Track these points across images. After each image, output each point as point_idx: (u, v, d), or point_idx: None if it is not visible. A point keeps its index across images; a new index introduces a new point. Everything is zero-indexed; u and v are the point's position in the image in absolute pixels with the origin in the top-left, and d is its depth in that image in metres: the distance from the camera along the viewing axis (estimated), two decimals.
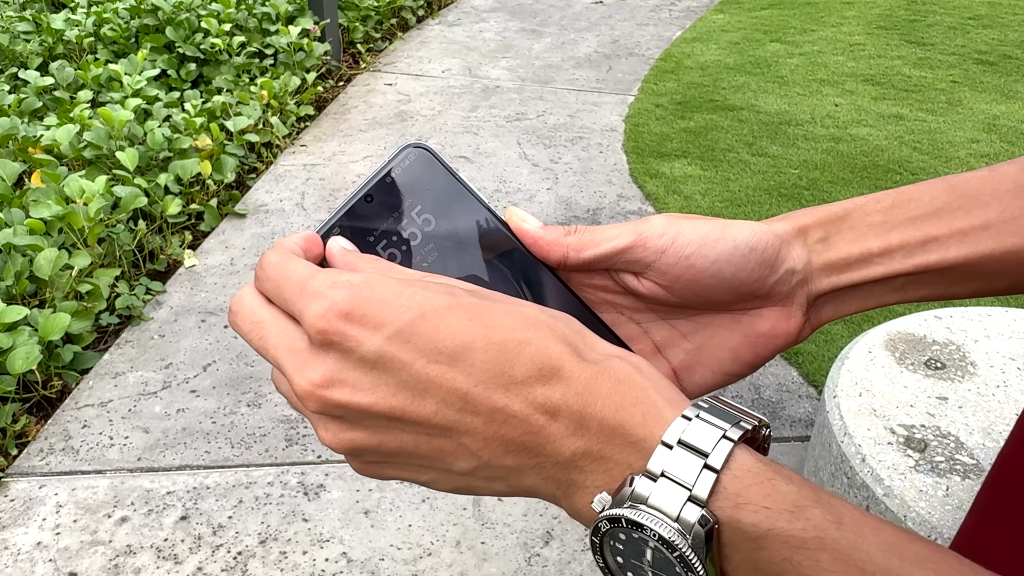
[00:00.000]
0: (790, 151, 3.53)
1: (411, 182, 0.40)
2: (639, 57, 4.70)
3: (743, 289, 0.40)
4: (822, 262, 0.40)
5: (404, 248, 0.40)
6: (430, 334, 0.31)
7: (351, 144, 3.51)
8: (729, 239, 0.39)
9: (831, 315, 0.42)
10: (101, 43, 3.68)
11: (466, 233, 0.40)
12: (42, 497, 1.81)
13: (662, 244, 0.39)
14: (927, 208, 0.40)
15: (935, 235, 0.40)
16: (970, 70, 4.50)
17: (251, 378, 2.18)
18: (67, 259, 2.25)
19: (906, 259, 0.40)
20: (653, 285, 0.40)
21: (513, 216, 0.41)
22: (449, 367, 0.31)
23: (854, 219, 0.41)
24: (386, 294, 0.32)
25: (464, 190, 0.41)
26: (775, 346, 0.41)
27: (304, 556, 1.69)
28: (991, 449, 1.45)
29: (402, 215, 0.40)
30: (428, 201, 0.40)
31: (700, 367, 0.42)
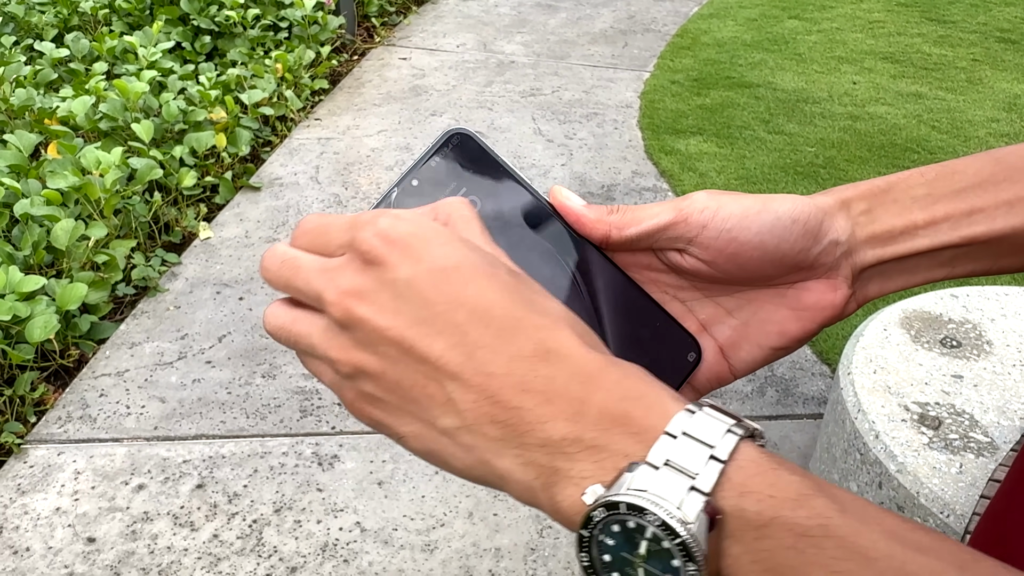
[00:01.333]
0: (807, 129, 3.50)
1: (455, 165, 0.41)
2: (655, 33, 4.66)
3: (786, 261, 0.40)
4: (866, 234, 0.40)
5: None
6: (458, 285, 0.32)
7: (365, 118, 3.50)
8: (771, 211, 0.39)
9: (877, 291, 0.42)
10: (116, 15, 3.68)
11: (511, 213, 0.41)
12: (61, 464, 1.84)
13: (703, 219, 0.39)
14: (972, 180, 0.40)
15: (980, 206, 0.39)
16: (991, 48, 4.44)
17: (266, 349, 2.20)
18: (84, 230, 2.27)
19: (952, 231, 0.39)
20: (696, 261, 0.40)
21: (557, 195, 0.41)
22: (465, 319, 0.31)
23: (897, 192, 0.40)
24: (434, 238, 0.33)
25: (507, 172, 0.41)
26: (822, 319, 0.41)
27: (318, 525, 1.71)
28: (1006, 427, 1.45)
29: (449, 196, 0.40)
30: (472, 183, 0.41)
31: (747, 343, 0.42)
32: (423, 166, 0.41)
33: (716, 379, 0.42)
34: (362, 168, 3.11)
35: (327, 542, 1.68)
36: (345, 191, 2.95)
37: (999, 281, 2.53)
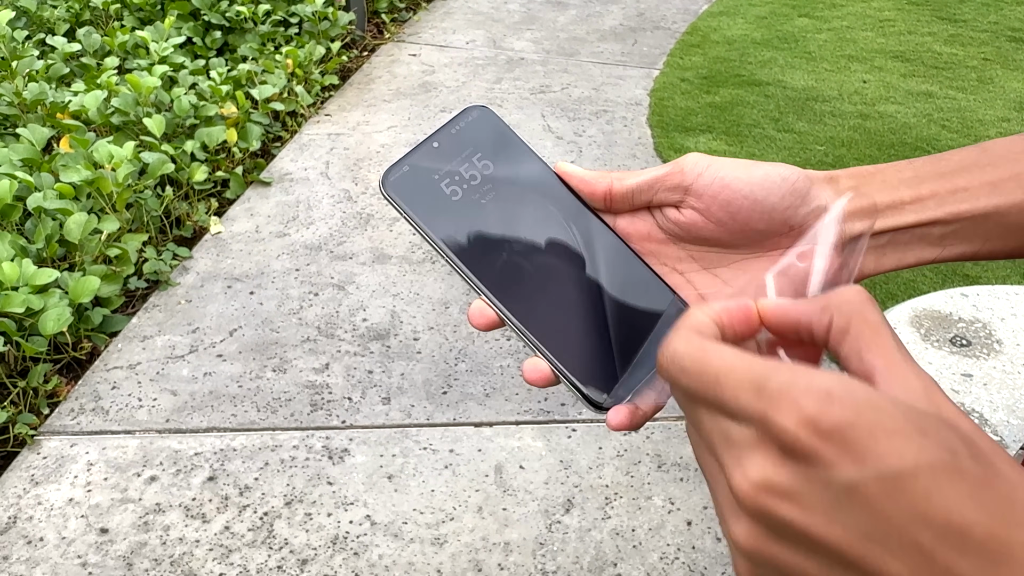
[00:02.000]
0: (817, 127, 3.49)
1: (473, 134, 0.45)
2: (665, 30, 4.65)
3: (775, 215, 0.42)
4: (854, 207, 0.42)
5: (464, 186, 0.44)
6: (919, 495, 0.25)
7: (375, 114, 3.51)
8: (762, 168, 0.42)
9: (872, 267, 0.43)
10: (127, 10, 3.69)
11: (521, 178, 0.44)
12: (73, 455, 1.85)
13: (698, 168, 0.42)
14: (957, 165, 0.42)
15: (964, 186, 0.41)
16: (1002, 47, 4.42)
17: (276, 344, 2.21)
18: (96, 223, 2.28)
19: (938, 207, 0.41)
20: (692, 212, 0.43)
21: (563, 166, 0.44)
22: (932, 541, 0.25)
23: (885, 175, 0.43)
24: (879, 428, 0.25)
25: (521, 143, 0.45)
26: None
27: (329, 518, 1.72)
28: (1015, 427, 1.45)
29: (464, 159, 0.44)
30: (487, 150, 0.45)
31: None
32: (444, 132, 0.45)
33: None
34: (372, 164, 3.12)
35: (337, 535, 1.69)
36: (355, 187, 2.96)
37: (1009, 280, 2.53)
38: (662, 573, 1.63)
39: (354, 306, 2.37)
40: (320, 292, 2.42)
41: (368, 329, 2.28)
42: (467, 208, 0.43)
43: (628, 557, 1.66)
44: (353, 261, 2.57)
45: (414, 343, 2.23)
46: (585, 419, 1.99)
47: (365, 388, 2.07)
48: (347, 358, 2.17)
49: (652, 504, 1.78)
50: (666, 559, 1.66)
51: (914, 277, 2.52)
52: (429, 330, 2.28)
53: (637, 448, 1.92)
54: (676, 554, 1.67)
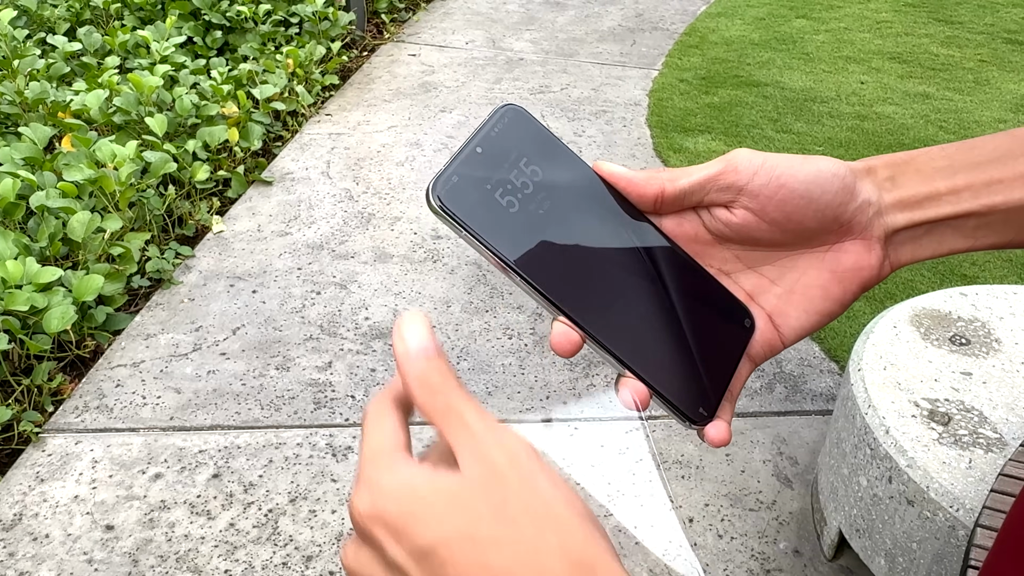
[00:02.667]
0: (815, 128, 3.51)
1: (513, 137, 0.41)
2: (663, 31, 4.67)
3: (828, 213, 0.41)
4: (893, 199, 0.42)
5: (519, 196, 0.40)
6: (439, 563, 0.32)
7: (375, 114, 3.52)
8: (813, 164, 0.41)
9: (910, 256, 0.44)
10: (128, 9, 3.70)
11: (571, 184, 0.41)
12: (78, 453, 1.86)
13: (753, 167, 0.41)
14: (990, 155, 0.42)
15: (999, 178, 0.41)
16: (999, 49, 4.45)
17: (279, 342, 2.22)
18: (99, 222, 2.29)
19: (973, 199, 0.41)
20: (745, 212, 0.42)
21: (603, 166, 0.42)
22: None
23: (919, 163, 0.43)
24: (416, 508, 0.32)
25: (560, 144, 0.42)
26: (861, 279, 0.43)
27: (333, 515, 1.73)
28: (1014, 424, 1.47)
29: (512, 165, 0.41)
30: (532, 154, 0.41)
31: (793, 309, 0.43)
32: (483, 135, 0.41)
33: (769, 347, 0.44)
34: (372, 163, 3.13)
35: (342, 531, 1.70)
36: (356, 186, 2.97)
37: (1008, 279, 2.55)
38: (664, 570, 1.64)
39: (356, 305, 2.38)
40: (322, 291, 2.43)
41: (370, 328, 2.29)
42: (528, 221, 0.40)
43: (631, 554, 1.67)
44: (355, 260, 2.58)
45: None
46: (587, 418, 2.00)
47: (368, 386, 2.08)
48: (350, 356, 2.18)
49: (654, 502, 1.79)
50: (668, 556, 1.67)
51: (912, 277, 2.54)
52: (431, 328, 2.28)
53: (639, 446, 1.93)
54: (678, 551, 1.68)
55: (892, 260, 0.44)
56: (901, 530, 1.44)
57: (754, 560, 1.67)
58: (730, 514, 1.77)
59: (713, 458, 1.90)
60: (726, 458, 1.91)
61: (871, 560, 1.52)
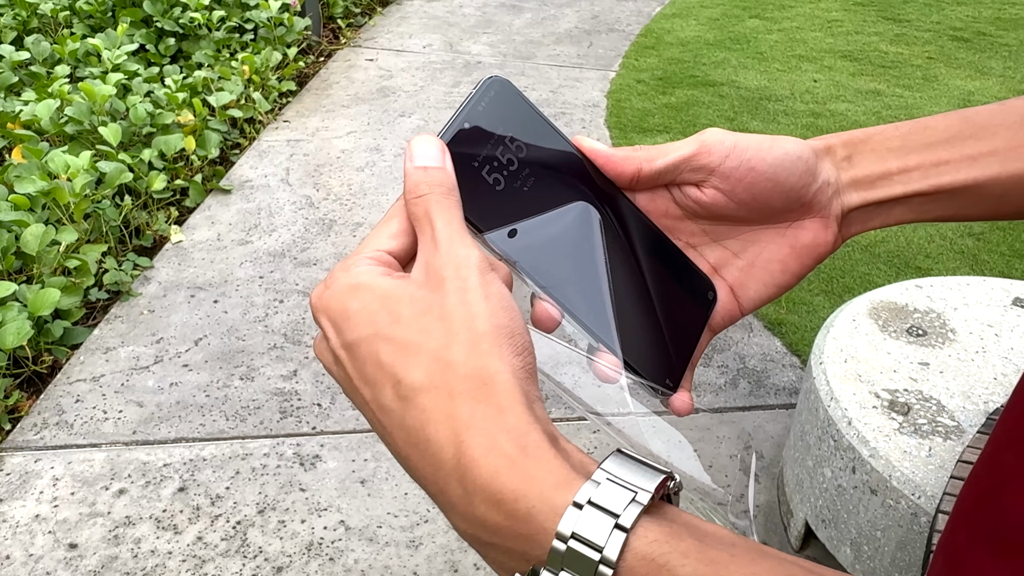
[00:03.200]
0: (771, 126, 3.57)
1: (500, 112, 0.41)
2: (619, 33, 4.71)
3: (792, 194, 0.44)
4: (848, 178, 0.45)
5: (505, 173, 0.41)
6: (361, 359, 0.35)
7: (334, 120, 3.50)
8: (780, 147, 0.43)
9: (858, 229, 0.46)
10: (77, 17, 3.63)
11: (554, 160, 0.42)
12: (38, 471, 1.82)
13: (725, 149, 0.43)
14: (941, 136, 0.45)
15: (947, 159, 0.44)
16: (945, 46, 4.56)
17: (243, 352, 2.20)
18: (54, 235, 2.24)
19: (922, 179, 0.44)
20: (715, 192, 0.44)
21: (583, 141, 0.43)
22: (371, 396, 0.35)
23: (875, 142, 0.45)
24: (350, 304, 0.36)
25: (544, 120, 0.43)
26: (817, 254, 0.46)
27: (303, 525, 1.72)
28: (971, 411, 1.50)
29: (498, 142, 0.41)
30: (517, 129, 0.42)
31: (753, 282, 0.46)
32: (471, 109, 0.41)
33: (728, 316, 0.46)
34: (332, 169, 3.11)
35: (312, 541, 1.68)
36: (316, 192, 2.95)
37: (960, 271, 2.61)
38: None
39: None
40: (285, 299, 2.41)
41: None
42: (512, 199, 0.41)
43: None
44: (317, 267, 2.56)
45: None
46: (561, 417, 2.01)
47: (335, 394, 2.07)
48: (315, 364, 2.16)
49: None
50: None
51: (869, 271, 2.59)
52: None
53: (606, 445, 1.94)
54: None
55: (844, 234, 0.46)
56: (865, 519, 1.46)
57: None
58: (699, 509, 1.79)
59: None
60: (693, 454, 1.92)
61: (837, 549, 1.55)
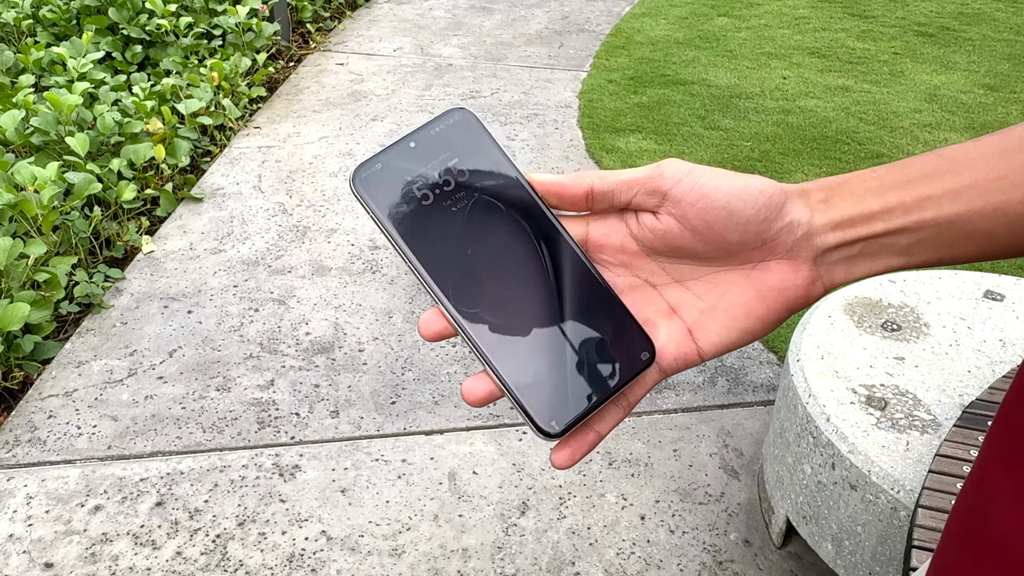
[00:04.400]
0: (741, 124, 3.59)
1: (453, 138, 0.43)
2: (590, 33, 4.72)
3: (749, 228, 0.43)
4: (825, 220, 0.43)
5: (436, 191, 0.42)
6: None
7: (306, 125, 3.47)
8: (740, 178, 0.43)
9: (844, 276, 0.44)
10: (41, 25, 3.58)
11: (496, 190, 0.43)
12: (11, 489, 1.79)
13: (679, 173, 0.43)
14: (919, 173, 0.44)
15: (928, 194, 0.43)
16: (911, 42, 4.61)
17: (219, 362, 2.17)
18: (22, 248, 2.21)
19: (905, 215, 0.43)
20: (669, 218, 0.43)
21: (535, 177, 0.44)
22: None
23: (852, 185, 0.44)
24: None
25: (500, 153, 0.44)
26: (786, 299, 0.44)
27: (283, 536, 1.70)
28: (947, 405, 1.52)
29: (440, 163, 0.43)
30: (466, 156, 0.43)
31: (715, 324, 0.44)
32: (423, 132, 0.43)
33: (683, 360, 0.44)
34: (305, 175, 3.08)
35: (293, 552, 1.67)
36: (290, 199, 2.93)
37: None
38: (619, 568, 1.66)
39: (296, 320, 2.34)
40: (260, 308, 2.39)
41: (312, 343, 2.26)
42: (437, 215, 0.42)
43: (585, 555, 1.68)
44: (292, 275, 2.54)
45: (359, 355, 2.22)
46: None
47: (312, 403, 2.05)
48: (292, 373, 2.15)
49: (605, 501, 1.81)
50: (622, 554, 1.69)
51: None
52: (374, 341, 2.27)
53: None
54: (632, 549, 1.70)
55: (826, 280, 0.45)
56: (846, 514, 1.48)
57: (706, 553, 1.70)
58: (680, 509, 1.80)
59: (661, 455, 1.93)
60: (673, 453, 1.94)
61: (818, 545, 1.56)
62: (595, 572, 1.65)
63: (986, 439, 0.55)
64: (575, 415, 0.41)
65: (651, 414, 2.05)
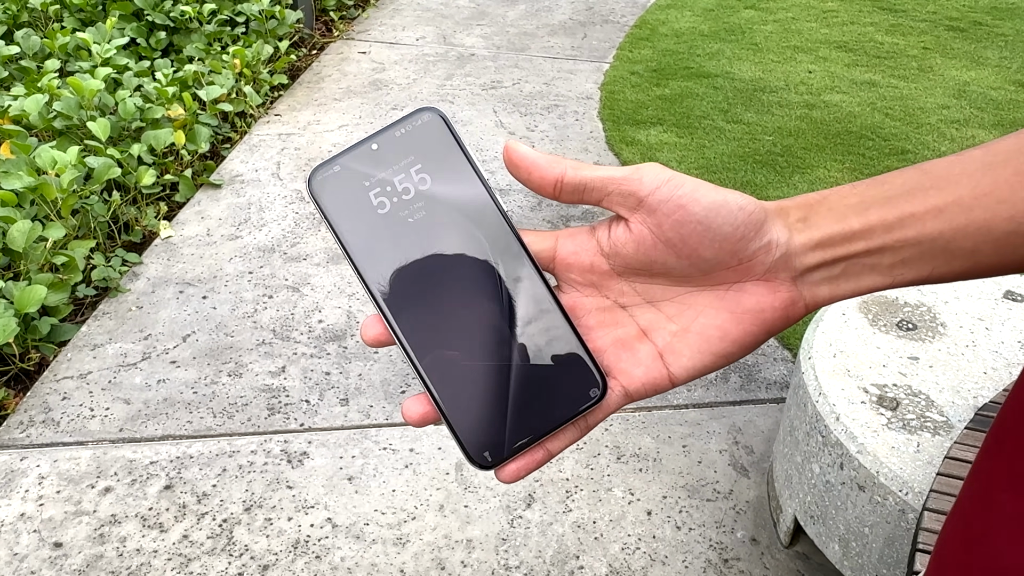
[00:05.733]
0: (764, 118, 3.55)
1: (418, 142, 0.41)
2: (614, 24, 4.68)
3: (726, 245, 0.40)
4: (804, 239, 0.41)
5: (394, 199, 0.41)
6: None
7: (326, 113, 3.48)
8: (721, 193, 0.40)
9: (828, 295, 0.42)
10: (67, 11, 3.61)
11: (457, 201, 0.41)
12: (24, 469, 1.81)
13: (658, 181, 0.40)
14: (901, 189, 0.41)
15: (911, 212, 0.41)
16: (941, 36, 4.53)
17: (231, 348, 2.18)
18: (41, 231, 2.23)
19: (887, 234, 0.41)
20: (641, 228, 0.41)
21: (512, 145, 0.42)
22: None
23: (831, 202, 0.42)
24: None
25: (467, 161, 0.41)
26: (763, 321, 0.42)
27: (289, 522, 1.71)
28: (960, 407, 1.49)
29: (401, 169, 0.41)
30: (430, 163, 0.41)
31: (687, 348, 0.42)
32: (387, 134, 0.41)
33: (652, 386, 0.42)
34: None
35: (298, 539, 1.68)
36: None
37: None
38: (624, 564, 1.65)
39: (309, 308, 2.35)
40: (274, 295, 2.40)
41: (324, 331, 2.27)
42: (391, 224, 0.40)
43: (590, 549, 1.67)
44: (307, 262, 2.55)
45: None
46: None
47: (323, 390, 2.06)
48: (304, 360, 2.15)
49: (612, 496, 1.80)
50: (627, 549, 1.68)
51: None
52: None
53: (596, 440, 1.93)
54: (637, 544, 1.69)
55: (808, 300, 0.42)
56: (853, 515, 1.45)
57: (712, 550, 1.68)
58: (688, 505, 1.78)
59: (670, 450, 1.92)
60: (683, 449, 1.92)
61: (825, 546, 1.54)
62: (599, 567, 1.64)
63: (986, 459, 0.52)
64: (510, 449, 0.40)
65: (661, 409, 2.04)
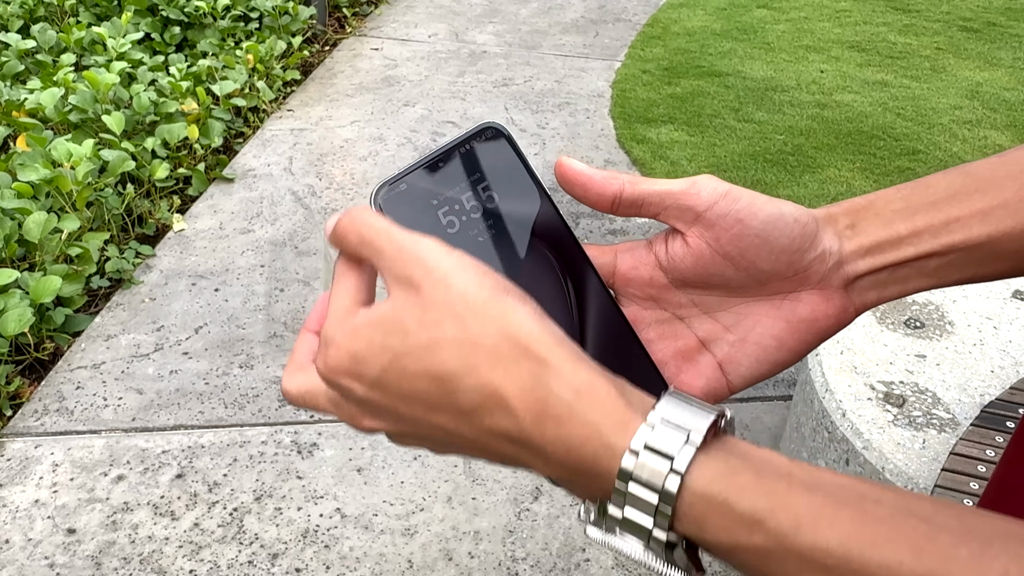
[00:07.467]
0: (776, 117, 3.55)
1: (482, 158, 0.41)
2: (626, 22, 4.69)
3: (783, 257, 0.41)
4: (854, 247, 0.42)
5: (463, 218, 0.41)
6: (395, 383, 0.35)
7: (338, 109, 3.50)
8: (776, 205, 0.41)
9: (875, 298, 0.43)
10: (83, 5, 3.64)
11: (524, 218, 0.41)
12: (38, 456, 1.84)
13: (715, 195, 0.41)
14: (945, 193, 0.42)
15: (956, 216, 0.41)
16: (954, 37, 4.52)
17: (243, 340, 2.20)
18: (56, 223, 2.26)
19: (933, 239, 0.41)
20: (700, 242, 0.41)
21: (565, 163, 0.42)
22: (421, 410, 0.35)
23: (878, 207, 0.42)
24: (359, 347, 0.36)
25: (530, 178, 0.42)
26: (818, 329, 0.43)
27: (299, 512, 1.73)
28: (966, 404, 1.50)
29: (467, 187, 0.41)
30: (495, 180, 0.41)
31: (745, 358, 0.43)
32: (451, 150, 0.41)
33: (712, 395, 0.43)
34: (336, 159, 3.11)
35: (308, 528, 1.69)
36: (319, 182, 2.96)
37: None
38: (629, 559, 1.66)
39: None
40: (286, 288, 2.42)
41: None
42: (461, 243, 0.40)
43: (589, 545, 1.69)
44: (319, 256, 2.57)
45: None
46: None
47: None
48: None
49: None
50: None
51: None
52: None
53: None
54: None
55: (858, 305, 0.43)
56: None
57: None
58: None
59: None
60: None
61: None
62: (605, 559, 1.65)
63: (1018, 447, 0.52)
64: None
65: None
